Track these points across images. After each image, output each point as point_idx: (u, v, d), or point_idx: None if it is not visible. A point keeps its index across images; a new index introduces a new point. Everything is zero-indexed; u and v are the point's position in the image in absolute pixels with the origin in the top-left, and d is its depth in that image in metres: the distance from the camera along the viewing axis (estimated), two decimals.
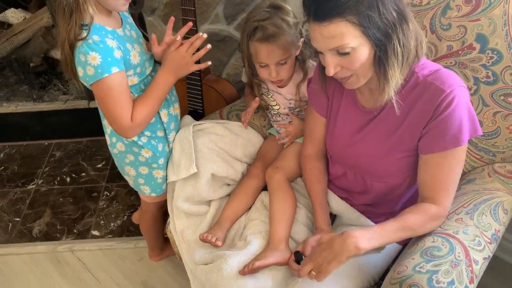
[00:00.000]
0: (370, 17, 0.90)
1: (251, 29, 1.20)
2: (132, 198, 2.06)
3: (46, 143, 2.39)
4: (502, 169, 1.25)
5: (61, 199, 2.09)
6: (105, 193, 2.10)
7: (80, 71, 1.07)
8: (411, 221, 1.03)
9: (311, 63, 1.31)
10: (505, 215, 1.14)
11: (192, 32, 1.44)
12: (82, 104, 2.28)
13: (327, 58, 0.97)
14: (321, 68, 1.09)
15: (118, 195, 2.09)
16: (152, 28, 1.90)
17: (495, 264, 1.08)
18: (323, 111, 1.22)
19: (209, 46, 1.17)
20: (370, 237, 0.99)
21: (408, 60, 0.98)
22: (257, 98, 1.37)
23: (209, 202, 1.35)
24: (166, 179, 1.35)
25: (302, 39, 1.26)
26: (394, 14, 0.92)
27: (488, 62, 1.19)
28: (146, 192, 1.37)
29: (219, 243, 1.19)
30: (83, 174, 2.21)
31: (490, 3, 1.17)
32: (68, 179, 2.18)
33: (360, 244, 0.97)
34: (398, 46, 0.94)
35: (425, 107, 1.01)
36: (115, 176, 2.17)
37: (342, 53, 0.95)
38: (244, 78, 1.46)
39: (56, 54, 2.30)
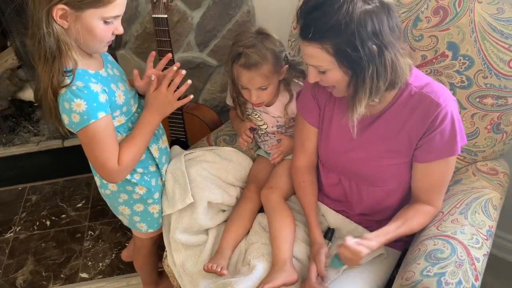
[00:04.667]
0: (345, 52, 0.96)
1: (236, 53, 1.23)
2: (118, 235, 2.01)
3: (21, 188, 2.30)
4: (485, 167, 1.32)
5: (43, 244, 2.01)
6: (89, 233, 2.04)
7: (65, 119, 1.05)
8: (414, 223, 1.13)
9: (298, 83, 1.35)
10: (495, 211, 1.20)
11: (170, 62, 1.44)
12: (56, 144, 2.22)
13: (309, 69, 1.05)
14: None
15: (103, 233, 2.03)
16: (124, 61, 1.89)
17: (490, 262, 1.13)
18: (315, 121, 1.25)
19: (189, 81, 1.17)
20: (376, 235, 1.08)
21: (379, 91, 1.02)
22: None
23: (206, 231, 1.34)
24: (162, 213, 1.33)
25: (286, 66, 1.29)
26: (374, 48, 0.95)
27: (461, 68, 1.26)
28: (143, 229, 1.35)
29: (225, 271, 1.18)
30: (63, 215, 2.13)
31: (457, 13, 1.24)
32: (48, 223, 2.11)
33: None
34: (369, 79, 0.98)
35: (422, 119, 1.07)
36: (97, 214, 2.11)
37: (319, 70, 1.03)
38: (228, 101, 1.47)
39: (24, 95, 2.24)
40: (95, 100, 1.04)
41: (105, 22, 1.01)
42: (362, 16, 0.93)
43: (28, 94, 2.22)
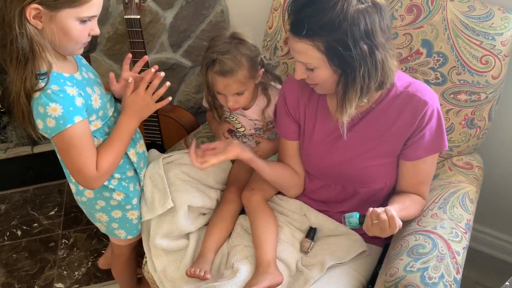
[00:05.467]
0: (337, 50, 0.95)
1: (210, 60, 1.21)
2: (93, 242, 1.95)
3: None
4: (460, 162, 1.35)
5: (14, 255, 1.93)
6: (63, 241, 1.97)
7: (39, 124, 1.00)
8: (412, 210, 1.15)
9: (275, 86, 1.34)
10: (472, 204, 1.23)
11: (146, 64, 1.41)
12: (25, 150, 2.14)
13: (296, 65, 1.05)
14: None
15: (78, 241, 1.97)
16: (96, 63, 1.84)
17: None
18: (294, 136, 1.26)
19: (168, 83, 1.16)
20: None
21: (369, 91, 1.02)
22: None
23: (187, 235, 1.32)
24: (141, 219, 1.30)
25: (262, 70, 1.28)
26: (365, 48, 0.95)
27: (436, 65, 1.28)
28: (122, 235, 1.31)
29: (208, 276, 1.16)
30: (35, 224, 2.06)
31: (430, 11, 1.26)
32: (19, 232, 2.02)
33: None
34: (359, 80, 0.98)
35: (410, 118, 1.08)
36: (71, 221, 2.05)
37: (307, 67, 1.02)
38: (205, 103, 1.45)
39: None
40: (72, 104, 1.00)
41: (81, 22, 0.98)
42: (356, 15, 0.93)
43: None
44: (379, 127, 1.13)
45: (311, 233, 1.28)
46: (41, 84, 0.98)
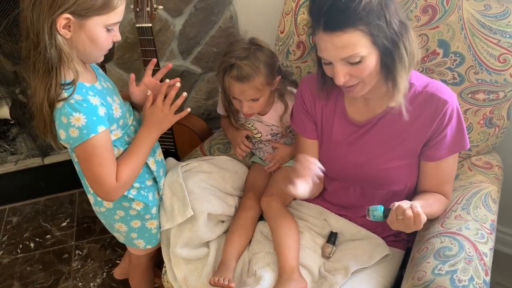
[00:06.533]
0: (379, 26, 0.94)
1: (228, 64, 1.21)
2: (107, 252, 1.94)
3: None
4: (479, 161, 1.33)
5: (28, 267, 1.91)
6: (76, 252, 1.96)
7: (62, 134, 1.00)
8: (435, 208, 1.14)
9: (292, 91, 1.33)
10: (495, 204, 1.21)
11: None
12: (36, 162, 2.13)
13: (337, 67, 0.99)
14: (322, 79, 1.13)
15: (92, 251, 1.96)
16: (107, 73, 1.83)
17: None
18: (313, 135, 1.24)
19: (185, 94, 1.17)
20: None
21: (411, 66, 1.02)
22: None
23: (207, 244, 1.31)
24: (160, 228, 1.29)
25: (278, 77, 1.27)
26: (398, 24, 0.96)
27: (453, 65, 1.27)
28: (141, 245, 1.30)
29: (232, 284, 1.14)
30: (48, 236, 2.04)
31: (446, 11, 1.25)
32: (32, 245, 2.01)
33: None
34: (405, 53, 0.98)
35: (431, 117, 1.07)
36: (84, 232, 2.03)
37: (352, 62, 0.98)
38: (219, 110, 1.45)
39: None
40: (95, 113, 1.00)
41: (107, 30, 0.99)
42: None
43: (3, 112, 2.12)
44: (398, 127, 1.12)
45: (332, 237, 1.27)
46: (65, 94, 0.98)
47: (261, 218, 1.35)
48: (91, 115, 0.99)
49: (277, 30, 1.56)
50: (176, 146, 1.69)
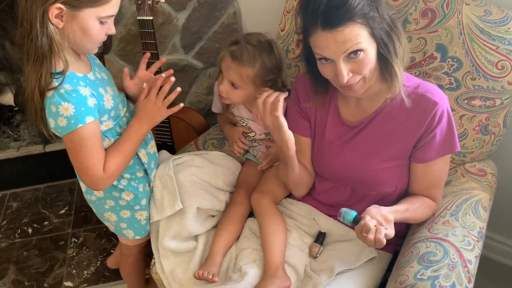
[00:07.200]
0: (374, 17, 0.97)
1: (235, 40, 1.24)
2: (102, 241, 1.96)
3: (1, 195, 2.22)
4: (473, 168, 1.32)
5: (25, 252, 1.95)
6: (72, 240, 1.98)
7: (51, 122, 1.02)
8: (419, 212, 1.14)
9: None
10: (485, 212, 1.20)
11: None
12: (37, 149, 2.16)
13: (339, 65, 0.99)
14: (313, 82, 1.15)
15: (87, 240, 1.98)
16: (108, 64, 1.85)
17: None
18: (307, 132, 1.24)
19: (178, 89, 1.17)
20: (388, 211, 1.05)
21: (404, 60, 1.04)
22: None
23: (196, 237, 1.31)
24: (149, 220, 1.30)
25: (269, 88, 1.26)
26: (389, 17, 1.00)
27: (450, 70, 1.26)
28: (130, 236, 1.31)
29: (216, 278, 1.15)
30: (46, 222, 2.07)
31: (445, 15, 1.24)
32: (30, 230, 2.04)
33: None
34: (398, 43, 1.01)
35: (420, 118, 1.08)
36: (81, 220, 2.06)
37: (354, 56, 0.98)
38: (214, 108, 1.45)
39: (3, 100, 2.17)
40: (84, 104, 1.01)
41: (101, 22, 1.00)
42: None
43: (7, 99, 2.15)
44: (388, 128, 1.13)
45: (320, 237, 1.27)
46: (55, 83, 0.99)
47: (252, 215, 1.36)
48: (80, 105, 1.00)
49: (277, 28, 1.56)
50: (173, 139, 1.70)
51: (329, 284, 1.15)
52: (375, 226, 0.98)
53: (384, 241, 0.96)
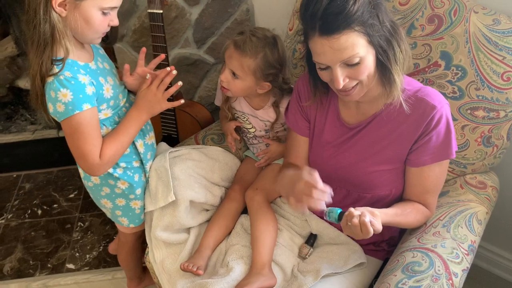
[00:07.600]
0: (373, 25, 0.95)
1: (241, 31, 1.25)
2: (107, 228, 2.01)
3: (15, 175, 2.30)
4: (473, 180, 1.29)
5: (32, 233, 2.01)
6: (79, 224, 2.04)
7: (50, 107, 1.05)
8: (412, 217, 1.12)
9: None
10: (480, 226, 1.17)
11: (163, 62, 1.44)
12: (51, 133, 2.23)
13: (336, 71, 0.98)
14: (313, 84, 1.14)
15: (93, 225, 2.03)
16: (121, 54, 1.88)
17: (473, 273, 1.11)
18: (305, 132, 1.24)
19: (180, 83, 1.19)
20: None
21: (406, 64, 1.03)
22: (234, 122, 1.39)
23: (188, 230, 1.33)
24: (144, 209, 1.33)
25: (267, 83, 1.27)
26: (390, 23, 0.98)
27: (454, 78, 1.23)
28: (125, 223, 1.34)
29: (201, 272, 1.17)
30: (55, 205, 2.14)
31: (452, 22, 1.22)
32: (39, 212, 2.11)
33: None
34: (399, 50, 0.99)
35: (417, 121, 1.06)
36: (89, 206, 2.11)
37: (350, 64, 0.97)
38: (217, 101, 1.46)
39: (22, 83, 2.24)
40: (82, 91, 1.04)
41: (103, 13, 1.02)
42: None
43: (26, 82, 2.23)
44: (386, 131, 1.11)
45: (311, 239, 1.27)
46: (56, 69, 1.02)
47: (246, 211, 1.37)
48: (78, 93, 1.03)
49: (286, 27, 1.56)
50: (178, 132, 1.73)
51: (314, 286, 1.15)
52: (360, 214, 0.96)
53: (370, 229, 0.93)
